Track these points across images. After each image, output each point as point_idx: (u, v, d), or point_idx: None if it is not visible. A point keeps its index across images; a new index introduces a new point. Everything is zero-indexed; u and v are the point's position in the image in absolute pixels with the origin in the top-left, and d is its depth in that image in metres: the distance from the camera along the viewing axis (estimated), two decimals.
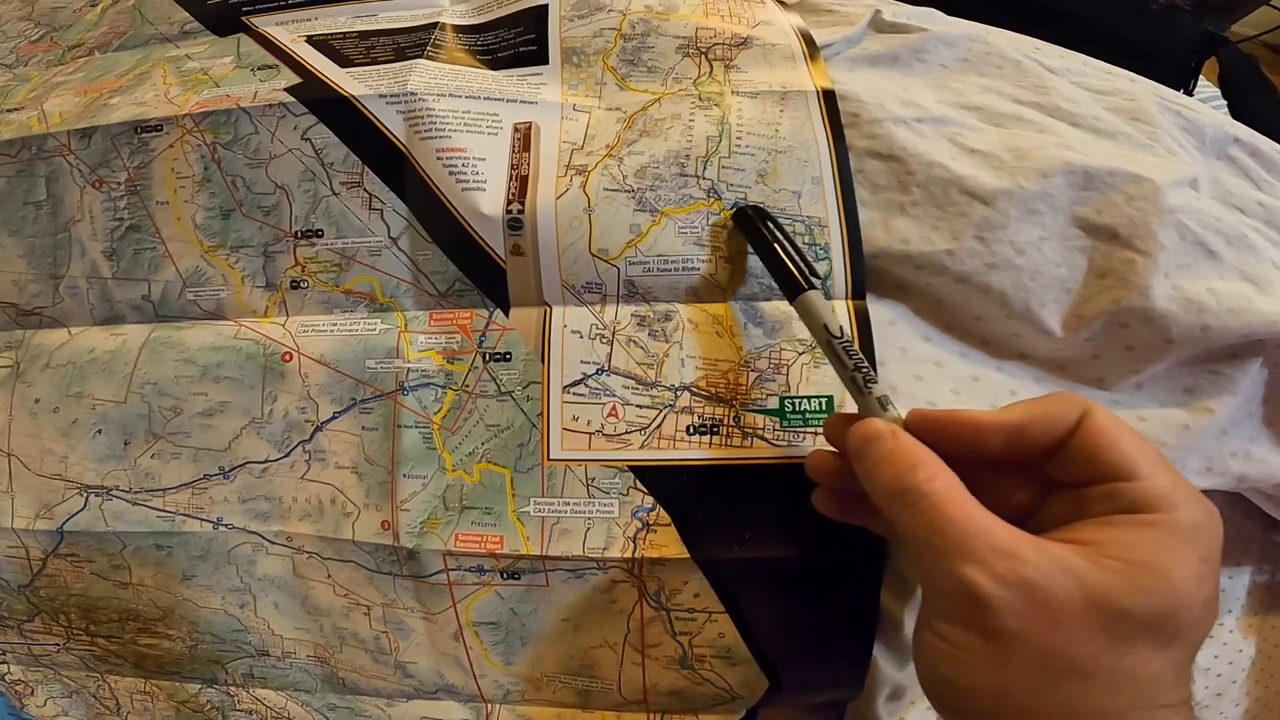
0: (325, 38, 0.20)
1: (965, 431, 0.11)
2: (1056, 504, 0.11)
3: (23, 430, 0.17)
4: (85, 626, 0.17)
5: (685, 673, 0.15)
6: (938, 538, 0.10)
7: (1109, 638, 0.10)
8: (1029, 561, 0.10)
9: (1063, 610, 0.10)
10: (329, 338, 0.16)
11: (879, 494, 0.11)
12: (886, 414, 0.12)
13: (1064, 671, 0.10)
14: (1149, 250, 0.15)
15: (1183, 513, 0.10)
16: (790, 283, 0.14)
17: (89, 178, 0.18)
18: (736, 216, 0.15)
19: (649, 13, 0.19)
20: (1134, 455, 0.11)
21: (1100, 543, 0.10)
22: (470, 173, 0.16)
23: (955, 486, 0.11)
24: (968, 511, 0.10)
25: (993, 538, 0.10)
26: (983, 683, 0.10)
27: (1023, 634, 0.10)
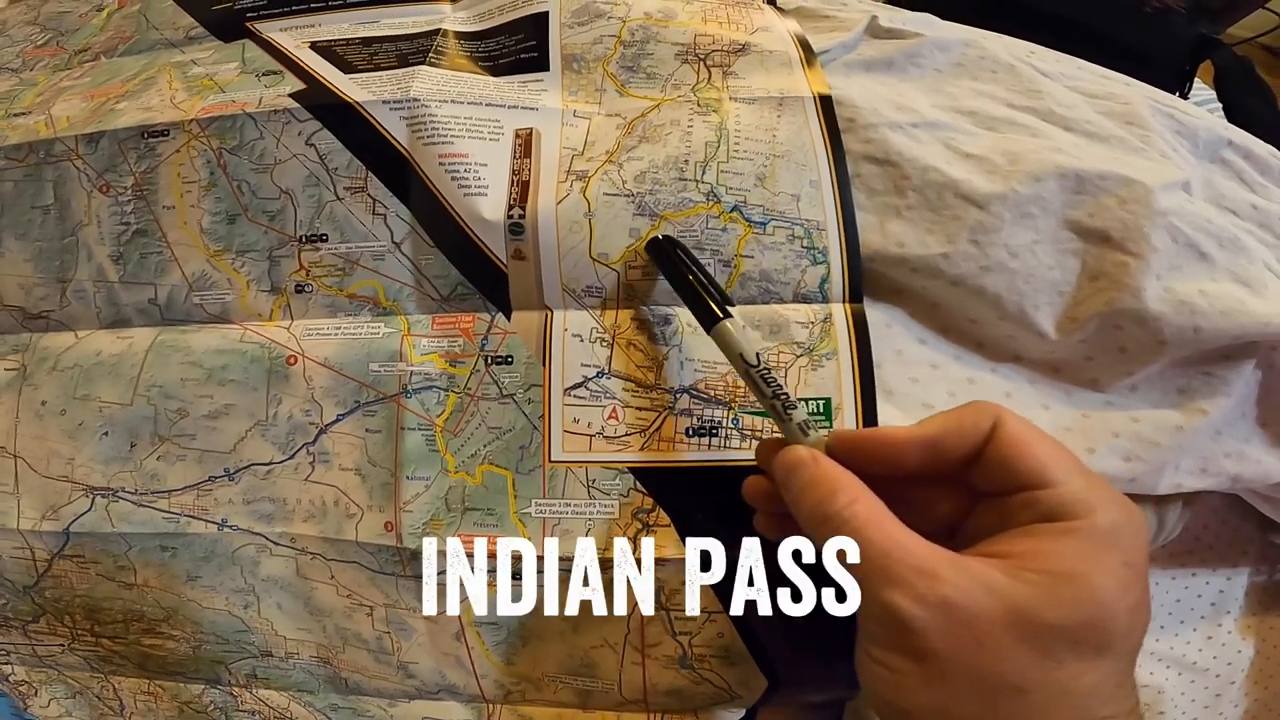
0: (329, 44, 0.20)
1: (882, 449, 0.11)
2: (982, 515, 0.11)
3: (29, 432, 0.17)
4: (90, 627, 0.18)
5: (685, 672, 0.15)
6: (861, 564, 0.10)
7: (1035, 653, 0.09)
8: (948, 580, 0.10)
9: (985, 628, 0.10)
10: (333, 341, 0.16)
11: (804, 522, 0.11)
12: (808, 439, 0.12)
13: (998, 689, 0.10)
14: (1141, 253, 0.16)
15: (1100, 517, 0.10)
16: (705, 312, 0.14)
17: (96, 182, 0.18)
18: (650, 247, 0.15)
19: (648, 20, 0.19)
20: (1046, 462, 0.11)
21: (1020, 554, 0.10)
22: (472, 178, 0.16)
23: (875, 509, 0.11)
24: (887, 533, 0.10)
25: (913, 558, 0.10)
26: (921, 703, 0.10)
27: (949, 654, 0.10)
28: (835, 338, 0.15)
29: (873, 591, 0.10)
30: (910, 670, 0.10)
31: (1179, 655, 0.19)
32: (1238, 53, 0.28)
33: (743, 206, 0.16)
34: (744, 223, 0.16)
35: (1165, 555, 0.19)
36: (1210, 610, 0.19)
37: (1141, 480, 0.16)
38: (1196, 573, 0.19)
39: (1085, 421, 0.16)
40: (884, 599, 0.10)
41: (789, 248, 0.15)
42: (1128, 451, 0.16)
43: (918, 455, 0.11)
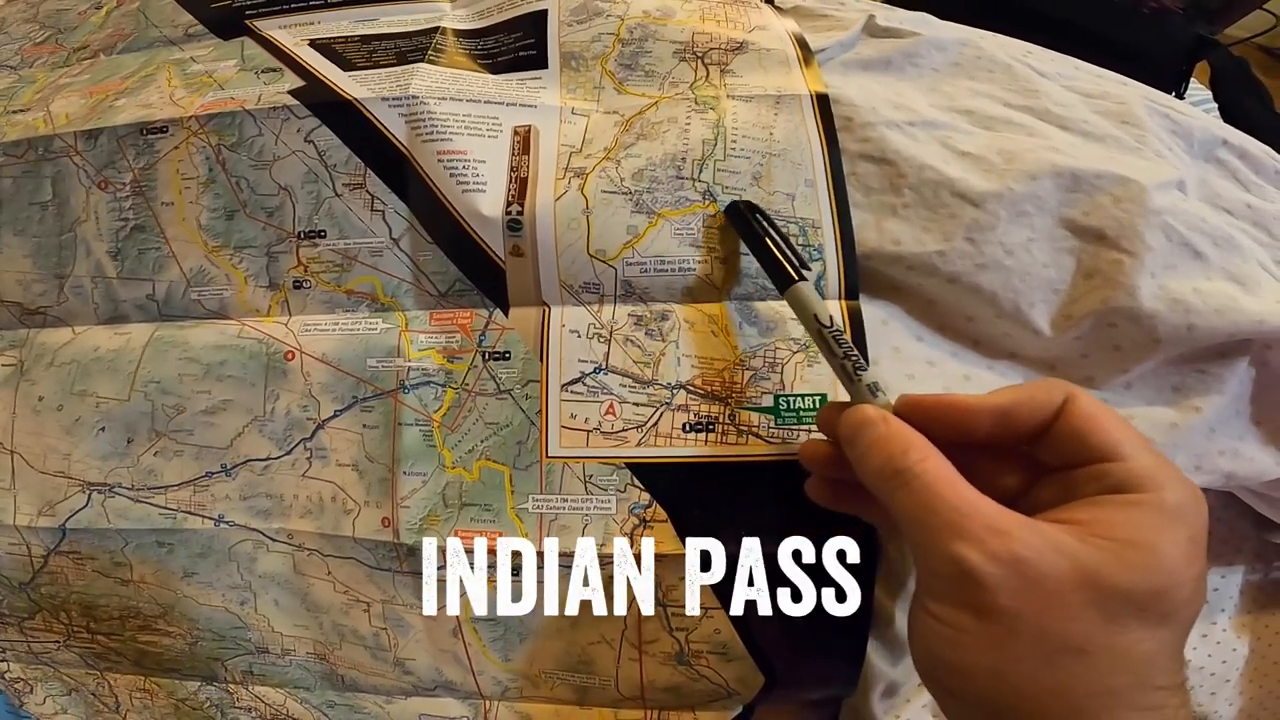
0: (328, 41, 0.20)
1: (954, 415, 0.11)
2: (1045, 487, 0.12)
3: (26, 428, 0.17)
4: (86, 624, 0.17)
5: (682, 669, 0.15)
6: (930, 517, 0.10)
7: (1102, 615, 0.10)
8: (1021, 539, 0.10)
9: (1056, 587, 0.10)
10: (331, 337, 0.16)
11: (872, 478, 0.11)
12: (877, 400, 0.12)
13: (1059, 650, 0.10)
14: (1135, 251, 0.16)
15: (1169, 492, 0.10)
16: (781, 275, 0.14)
17: (95, 178, 0.18)
18: (729, 211, 0.15)
19: (646, 18, 0.19)
20: (1118, 437, 0.11)
21: (1089, 522, 0.10)
22: (471, 175, 0.16)
23: (946, 467, 0.11)
24: (959, 491, 0.10)
25: (984, 516, 0.10)
26: (979, 662, 0.10)
27: (1017, 611, 0.10)
28: None
29: (941, 546, 0.10)
30: (973, 627, 0.10)
31: None
32: (1234, 53, 0.28)
33: (736, 200, 0.16)
34: None
35: None
36: (1205, 608, 0.19)
37: None
38: None
39: None
40: (955, 553, 0.10)
41: None
42: None
43: (988, 423, 0.11)
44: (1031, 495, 0.12)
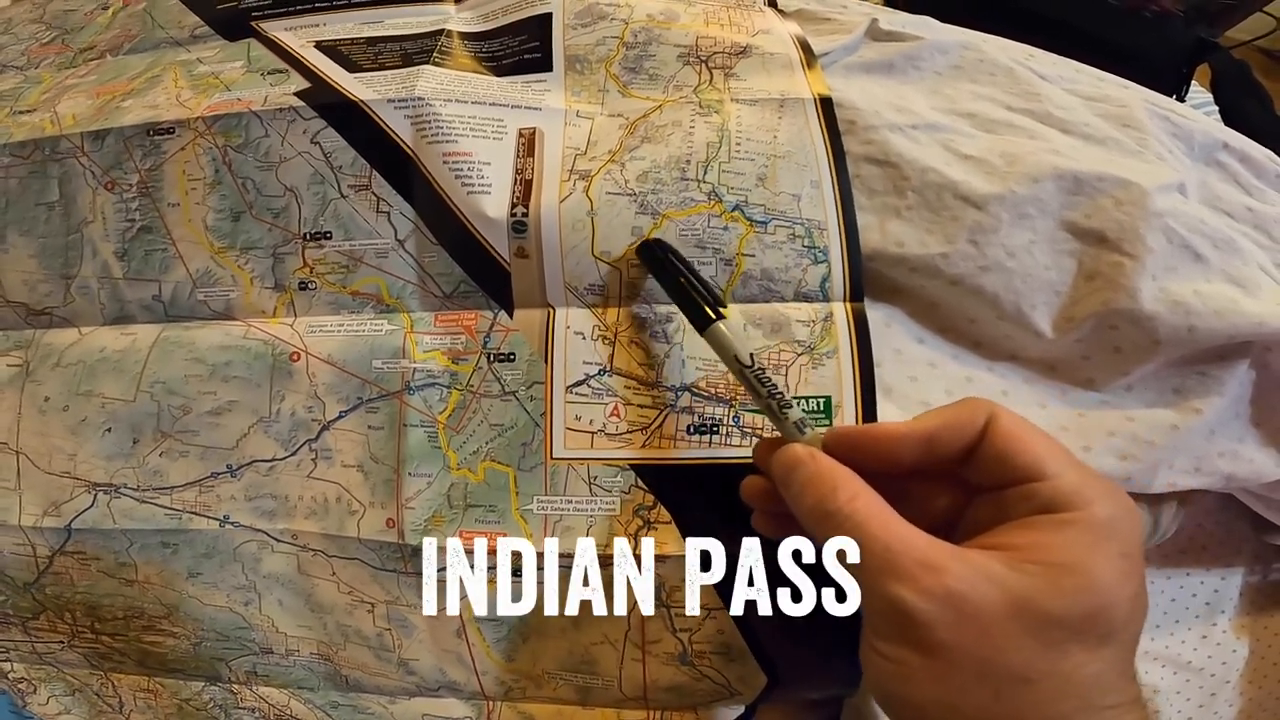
0: (334, 43, 0.20)
1: (880, 445, 0.11)
2: (979, 508, 0.12)
3: (31, 428, 0.17)
4: (90, 624, 0.18)
5: (684, 669, 0.15)
6: (865, 558, 0.10)
7: (1039, 643, 0.10)
8: (952, 572, 0.10)
9: (990, 619, 0.10)
10: (336, 338, 0.16)
11: (805, 519, 0.11)
12: (805, 437, 0.12)
13: (1003, 680, 0.10)
14: (1136, 253, 0.16)
15: (1097, 508, 0.10)
16: (698, 314, 0.14)
17: (101, 179, 0.18)
18: (640, 250, 0.15)
19: (650, 21, 0.19)
20: (1041, 454, 0.11)
21: (1020, 546, 0.10)
22: (476, 176, 0.16)
23: (875, 504, 0.11)
24: (890, 529, 0.10)
25: (916, 552, 0.10)
26: (928, 696, 0.10)
27: (955, 645, 0.10)
28: (836, 336, 0.15)
29: (877, 586, 0.10)
30: (917, 663, 0.10)
31: (1174, 655, 0.19)
32: (1235, 56, 0.29)
33: (744, 206, 0.16)
34: (745, 222, 0.16)
35: (1160, 555, 0.19)
36: (1205, 610, 0.19)
37: (1136, 479, 0.16)
38: (1191, 572, 0.20)
39: (1081, 420, 0.16)
40: (888, 592, 0.10)
41: (790, 247, 0.16)
42: (1123, 450, 0.16)
43: (913, 450, 0.11)
44: (967, 516, 0.12)
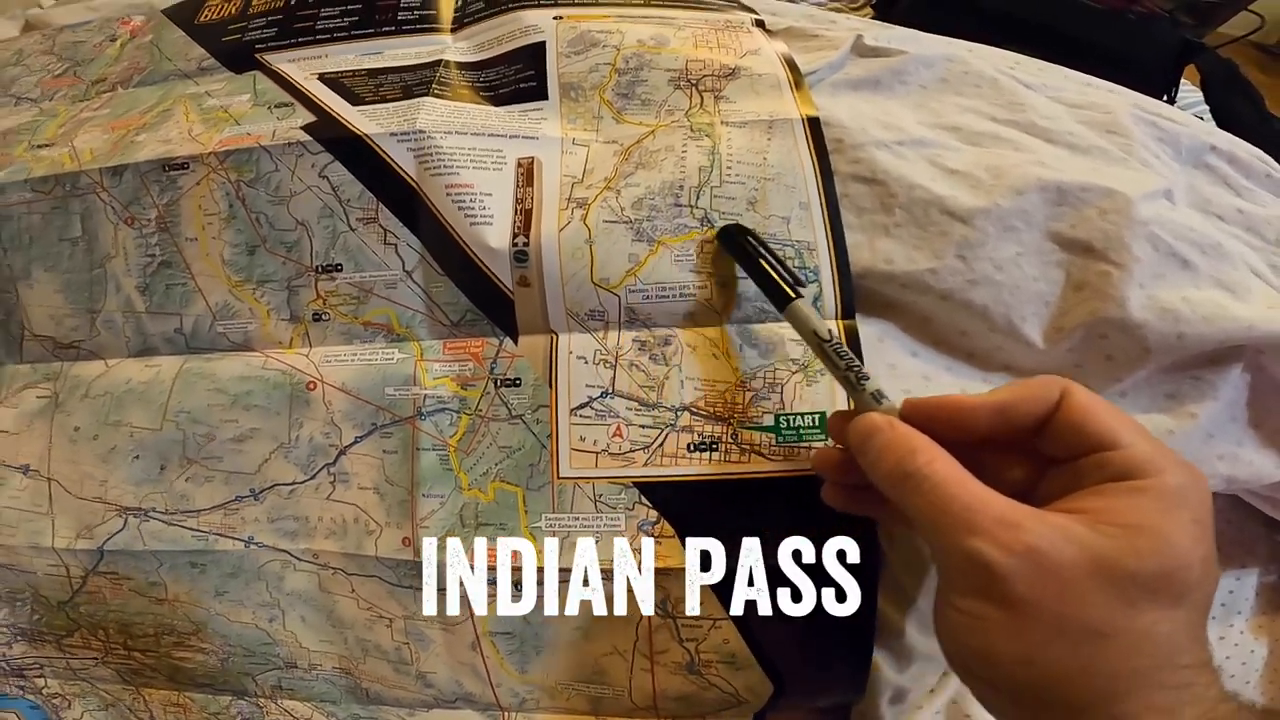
0: (336, 75, 0.21)
1: (955, 415, 0.12)
2: (1051, 480, 0.12)
3: (63, 456, 0.18)
4: (123, 641, 0.18)
5: (692, 678, 0.16)
6: (943, 516, 0.11)
7: (1116, 599, 0.10)
8: (1032, 530, 0.10)
9: (1070, 574, 0.10)
10: (350, 367, 0.17)
11: (883, 482, 0.12)
12: (881, 406, 0.13)
13: (1081, 634, 0.10)
14: (1123, 262, 0.16)
15: (1169, 476, 0.11)
16: (778, 294, 0.14)
17: (121, 214, 0.19)
18: (721, 236, 0.16)
19: (641, 47, 0.20)
20: (1114, 425, 0.11)
21: (1096, 510, 0.11)
22: (478, 208, 0.17)
23: (954, 466, 0.11)
24: (968, 489, 0.11)
25: (995, 511, 0.10)
26: (1006, 650, 0.10)
27: (1035, 600, 0.10)
28: None
29: (957, 542, 0.10)
30: (995, 617, 0.10)
31: None
32: (1223, 55, 0.29)
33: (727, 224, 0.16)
34: None
35: None
36: (1220, 611, 0.20)
37: None
38: None
39: None
40: (968, 547, 0.10)
41: None
42: None
43: (987, 420, 0.12)
44: (1039, 488, 0.12)
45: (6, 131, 0.22)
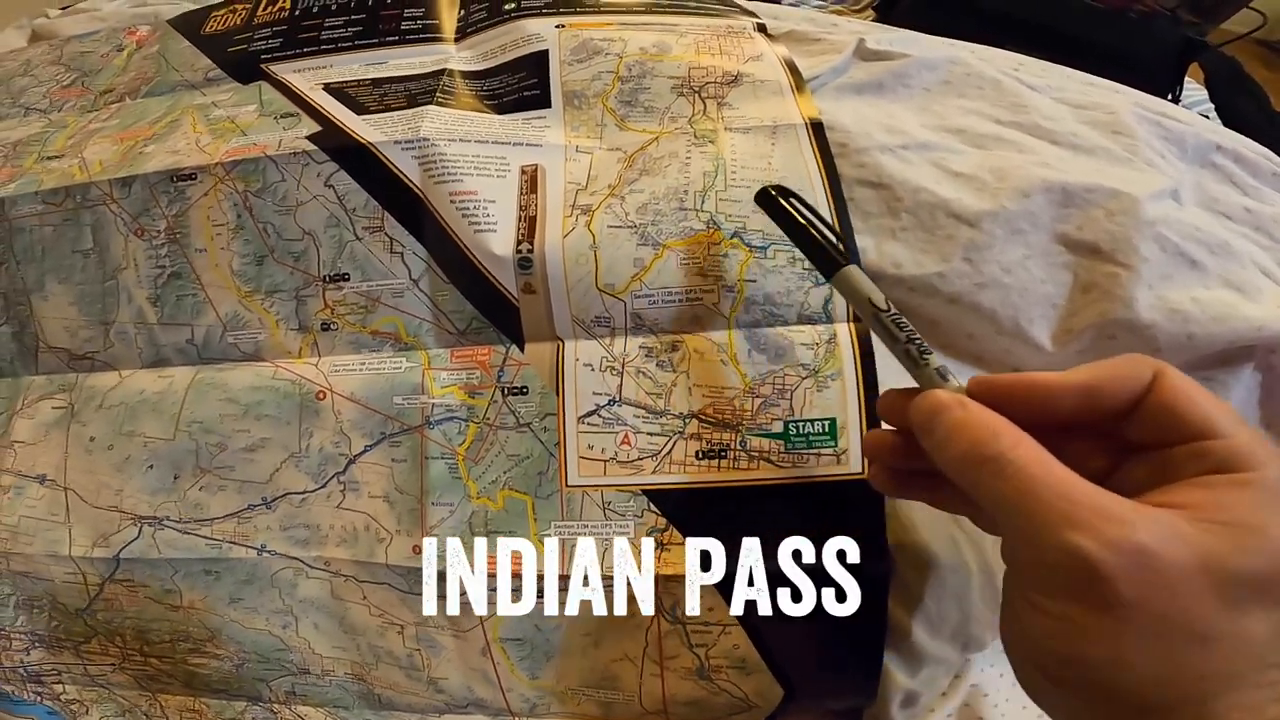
0: (341, 85, 0.21)
1: (1035, 395, 0.11)
2: (1136, 468, 0.11)
3: (79, 466, 0.18)
4: (139, 647, 0.19)
5: (702, 683, 0.16)
6: (1033, 505, 0.10)
7: (1223, 602, 0.09)
8: (1139, 526, 0.09)
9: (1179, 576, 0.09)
10: (359, 376, 0.17)
11: (954, 466, 0.11)
12: (948, 384, 0.11)
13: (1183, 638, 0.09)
14: (1131, 263, 0.16)
15: (1271, 470, 0.10)
16: (826, 260, 0.13)
17: (131, 226, 0.19)
18: (760, 197, 0.14)
19: (644, 55, 0.20)
20: (1215, 413, 0.10)
21: (1198, 505, 0.10)
22: (482, 215, 0.17)
23: (1041, 452, 0.10)
24: (1060, 477, 0.10)
25: (1096, 502, 0.09)
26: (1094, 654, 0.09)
27: (1139, 602, 0.09)
28: (840, 358, 0.15)
29: (1051, 536, 0.09)
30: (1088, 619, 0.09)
31: None
32: (1226, 53, 0.28)
33: (743, 232, 0.16)
34: (745, 248, 0.16)
35: None
36: None
37: None
38: None
39: None
40: (1069, 543, 0.09)
41: (790, 270, 0.16)
42: None
43: (1071, 402, 0.11)
44: (1120, 476, 0.11)
45: (17, 143, 0.23)
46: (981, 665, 0.18)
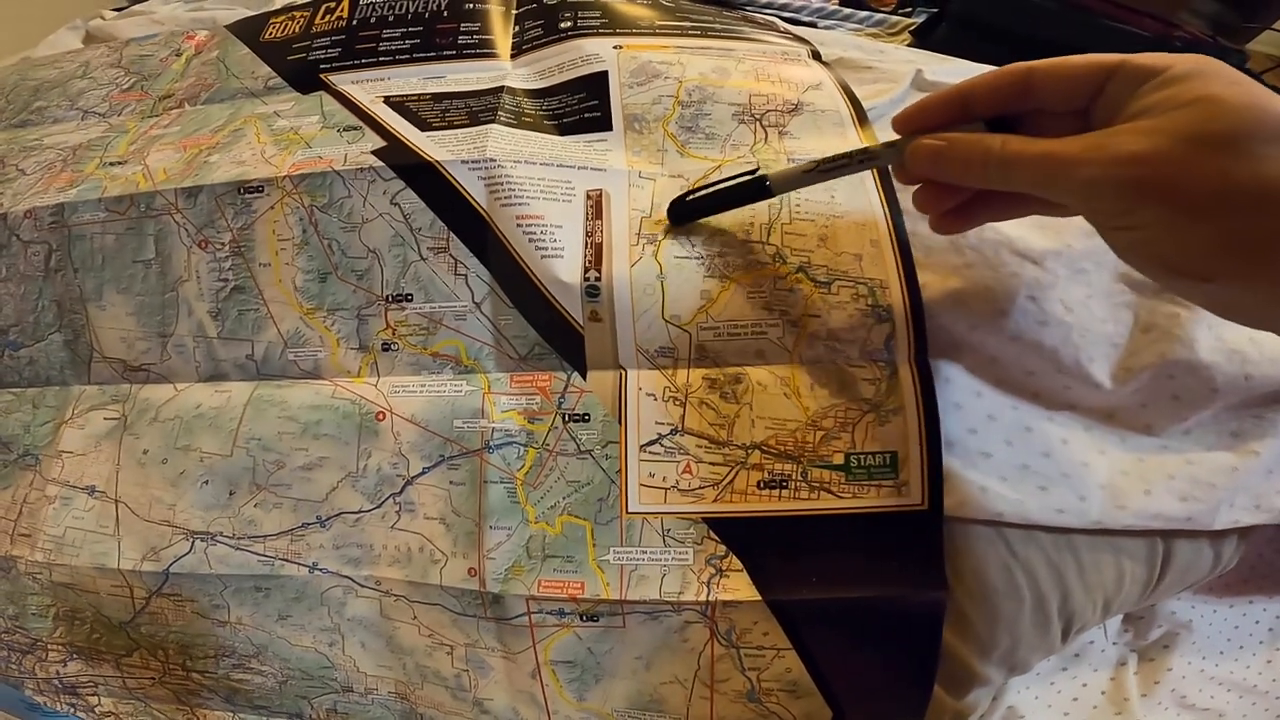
0: (401, 99, 0.21)
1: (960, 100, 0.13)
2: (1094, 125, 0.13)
3: (131, 479, 0.18)
4: (182, 662, 0.19)
5: (752, 706, 0.16)
6: (1039, 173, 0.12)
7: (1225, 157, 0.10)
8: (1113, 142, 0.11)
9: (1168, 157, 0.11)
10: (419, 398, 0.17)
11: (979, 180, 0.13)
12: (899, 144, 0.14)
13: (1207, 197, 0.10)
14: (1192, 304, 0.16)
15: (1177, 62, 0.11)
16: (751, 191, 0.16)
17: (195, 237, 0.19)
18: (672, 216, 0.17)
19: (703, 80, 0.20)
20: (1091, 59, 0.12)
21: (1146, 111, 0.11)
22: (549, 240, 0.17)
23: (1022, 140, 0.12)
24: (1044, 145, 0.12)
25: (1077, 146, 0.12)
26: (1166, 245, 0.11)
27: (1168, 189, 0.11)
28: (902, 393, 0.15)
29: (1069, 186, 0.12)
30: (1144, 216, 0.11)
31: (1239, 679, 0.19)
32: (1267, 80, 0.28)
33: (807, 267, 0.16)
34: (809, 282, 0.16)
35: (1223, 585, 0.19)
36: (1268, 635, 0.20)
37: (1197, 519, 0.16)
38: (1254, 600, 0.20)
39: (1141, 465, 0.16)
40: (1080, 181, 0.11)
41: (854, 306, 0.16)
42: (1183, 492, 0.16)
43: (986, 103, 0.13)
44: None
45: (76, 147, 0.23)
46: (1018, 687, 0.18)
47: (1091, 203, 0.12)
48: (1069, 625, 0.16)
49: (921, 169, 0.14)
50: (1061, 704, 0.19)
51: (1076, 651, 0.19)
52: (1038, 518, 0.15)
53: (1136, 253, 0.12)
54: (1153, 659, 0.20)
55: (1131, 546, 0.16)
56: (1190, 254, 0.11)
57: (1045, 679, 0.19)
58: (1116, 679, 0.19)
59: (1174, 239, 0.11)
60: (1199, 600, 0.20)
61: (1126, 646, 0.20)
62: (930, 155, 0.14)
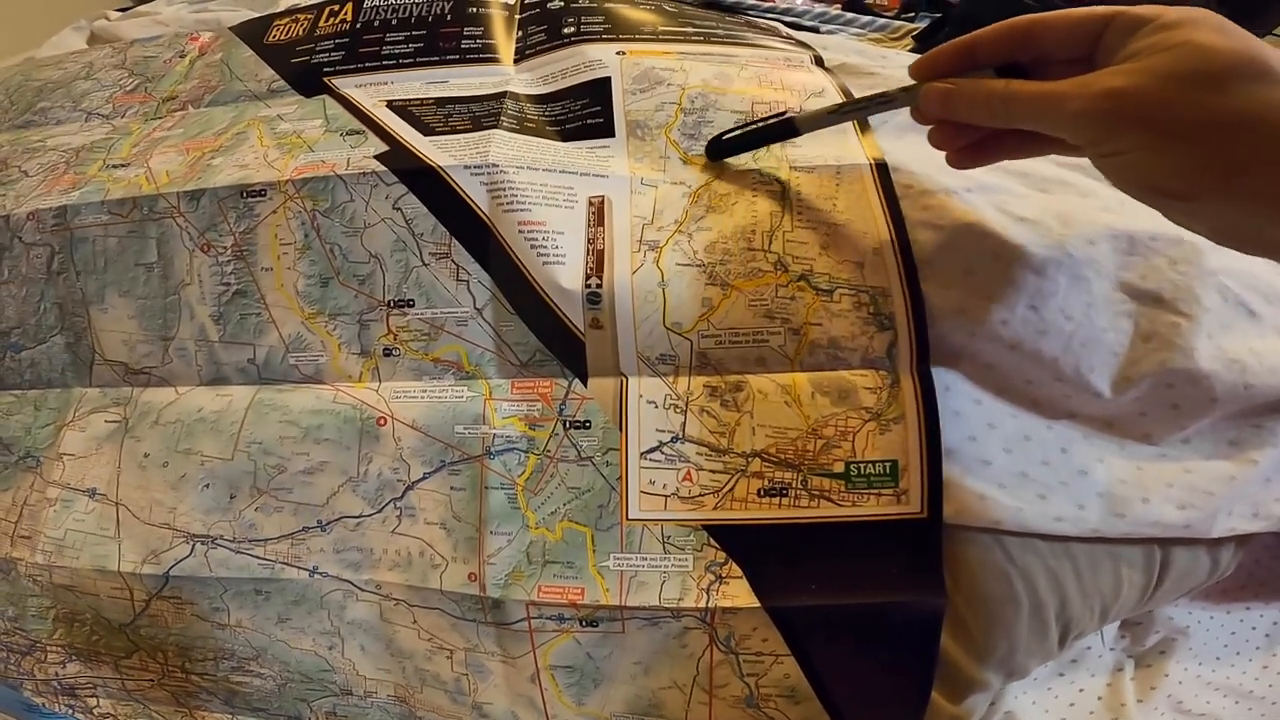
0: (404, 103, 0.21)
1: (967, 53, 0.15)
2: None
3: (131, 482, 0.18)
4: (181, 664, 0.19)
5: (751, 711, 0.16)
6: (1042, 107, 0.13)
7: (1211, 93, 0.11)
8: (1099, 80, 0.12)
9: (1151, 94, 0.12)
10: (420, 403, 0.17)
11: (988, 119, 0.14)
12: (916, 87, 0.15)
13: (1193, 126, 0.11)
14: (1192, 313, 0.16)
15: (1168, 12, 0.12)
16: (780, 132, 0.17)
17: (197, 241, 0.19)
18: (710, 152, 0.18)
19: (706, 86, 0.20)
20: (1090, 11, 0.13)
21: (1135, 54, 0.12)
22: (550, 246, 0.17)
23: (1021, 82, 0.14)
24: (1039, 85, 0.13)
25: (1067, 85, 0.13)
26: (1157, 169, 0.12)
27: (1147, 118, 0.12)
28: (903, 402, 0.16)
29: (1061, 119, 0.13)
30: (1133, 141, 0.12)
31: (1236, 685, 0.19)
32: None
33: (809, 275, 0.16)
34: (811, 291, 0.16)
35: (1220, 591, 0.20)
36: (1265, 641, 0.20)
37: (1196, 526, 0.16)
38: (1251, 606, 0.20)
39: (1139, 473, 0.17)
40: (1068, 116, 0.12)
41: (856, 314, 0.16)
42: (1182, 500, 0.16)
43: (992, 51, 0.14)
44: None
45: (79, 149, 0.23)
46: (1016, 693, 0.18)
47: (1081, 133, 0.13)
48: (1066, 631, 0.16)
49: (934, 110, 0.15)
50: (1059, 709, 0.19)
51: (1074, 657, 0.19)
52: (1036, 526, 0.15)
53: (1124, 176, 0.13)
54: (1150, 664, 0.20)
55: (1129, 553, 0.16)
56: (1171, 175, 0.12)
57: (1043, 684, 0.19)
58: (1114, 684, 0.19)
59: (1155, 162, 0.12)
60: (1196, 606, 0.20)
61: (1124, 652, 0.20)
62: (941, 97, 0.14)
